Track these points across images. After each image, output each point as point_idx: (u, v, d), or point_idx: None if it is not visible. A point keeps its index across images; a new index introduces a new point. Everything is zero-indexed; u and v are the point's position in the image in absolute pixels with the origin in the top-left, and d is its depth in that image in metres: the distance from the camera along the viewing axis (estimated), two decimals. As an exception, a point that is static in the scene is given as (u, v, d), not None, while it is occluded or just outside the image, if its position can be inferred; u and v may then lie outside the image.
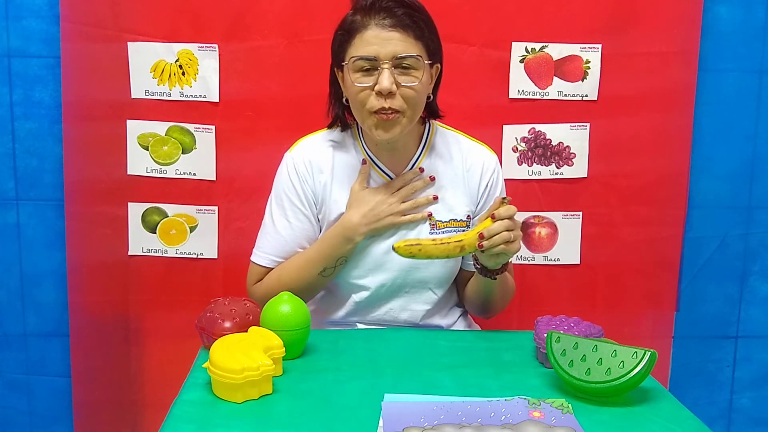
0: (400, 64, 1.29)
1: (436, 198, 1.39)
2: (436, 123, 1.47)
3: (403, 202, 1.38)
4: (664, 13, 1.73)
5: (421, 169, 1.27)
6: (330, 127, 1.46)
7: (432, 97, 1.40)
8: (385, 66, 1.28)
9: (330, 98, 1.43)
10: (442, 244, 1.26)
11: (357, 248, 1.38)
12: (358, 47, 1.30)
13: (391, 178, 1.41)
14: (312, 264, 1.38)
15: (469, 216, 1.43)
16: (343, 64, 1.33)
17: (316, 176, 1.41)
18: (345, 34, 1.33)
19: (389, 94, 1.28)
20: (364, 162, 1.39)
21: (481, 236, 1.24)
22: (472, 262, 1.36)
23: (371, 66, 1.29)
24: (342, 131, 1.45)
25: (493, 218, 1.25)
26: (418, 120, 1.41)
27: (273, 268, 1.43)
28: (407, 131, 1.35)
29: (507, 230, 1.24)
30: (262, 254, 1.43)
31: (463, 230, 1.41)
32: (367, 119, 1.33)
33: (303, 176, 1.41)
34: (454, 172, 1.43)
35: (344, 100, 1.38)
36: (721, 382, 1.94)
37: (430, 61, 1.33)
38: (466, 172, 1.44)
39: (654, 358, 1.02)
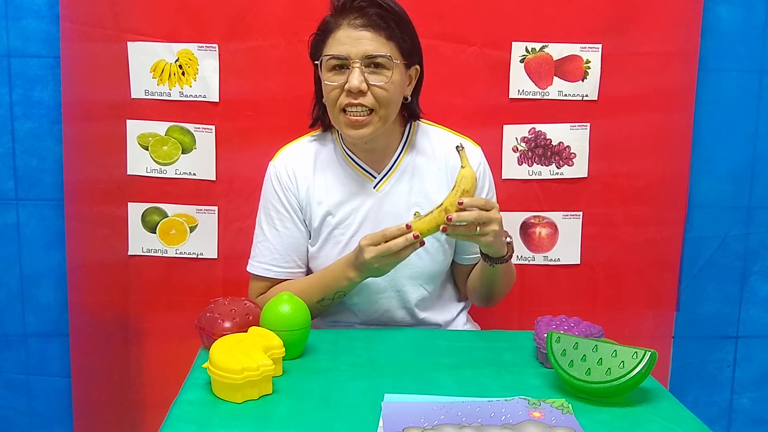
0: (371, 64, 1.31)
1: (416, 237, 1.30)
2: (419, 120, 1.48)
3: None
4: (664, 13, 1.73)
5: (408, 226, 1.26)
6: (311, 126, 1.48)
7: (410, 98, 1.41)
8: (356, 65, 1.30)
9: (315, 99, 1.45)
10: (426, 216, 1.26)
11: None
12: (330, 47, 1.33)
13: (374, 176, 1.43)
14: (312, 291, 1.38)
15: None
16: (316, 63, 1.36)
17: (299, 182, 1.43)
18: (320, 35, 1.36)
19: (359, 93, 1.30)
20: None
21: (449, 219, 1.23)
22: (478, 251, 1.36)
23: (342, 65, 1.31)
24: (324, 131, 1.47)
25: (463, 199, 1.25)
26: (398, 122, 1.43)
27: (270, 278, 1.44)
28: (381, 131, 1.36)
29: (476, 220, 1.24)
30: (257, 264, 1.46)
31: None
32: (338, 118, 1.35)
33: (286, 184, 1.43)
34: (437, 167, 1.45)
35: (324, 100, 1.40)
36: (721, 382, 1.93)
37: (405, 62, 1.35)
38: (449, 167, 1.45)
39: (654, 358, 1.02)
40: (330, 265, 1.39)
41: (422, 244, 1.28)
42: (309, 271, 1.48)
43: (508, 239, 1.35)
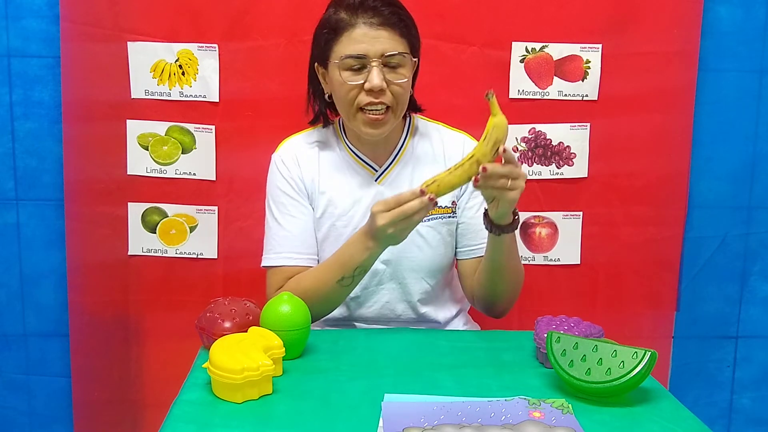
0: (388, 62, 1.31)
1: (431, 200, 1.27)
2: (417, 116, 1.49)
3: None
4: (664, 13, 1.73)
5: (422, 192, 1.22)
6: (312, 123, 1.48)
7: (411, 91, 1.41)
8: (374, 64, 1.30)
9: (309, 95, 1.45)
10: (456, 169, 1.21)
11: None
12: (346, 46, 1.32)
13: (375, 169, 1.43)
14: (331, 271, 1.34)
15: (454, 202, 1.44)
16: (330, 62, 1.35)
17: (303, 170, 1.43)
18: (331, 32, 1.34)
19: (380, 91, 1.30)
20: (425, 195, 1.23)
21: (484, 170, 1.18)
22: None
23: (360, 64, 1.31)
24: (324, 127, 1.47)
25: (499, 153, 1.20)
26: None
27: (292, 267, 1.40)
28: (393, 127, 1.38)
29: (507, 174, 1.20)
30: (275, 255, 1.42)
31: (449, 216, 1.44)
32: (356, 117, 1.35)
33: (292, 169, 1.43)
34: (435, 160, 1.45)
35: (326, 96, 1.40)
36: (721, 382, 1.93)
37: (413, 58, 1.36)
38: (447, 159, 1.45)
39: (654, 358, 1.02)
40: (346, 242, 1.35)
41: (436, 204, 1.23)
42: None
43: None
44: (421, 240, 1.41)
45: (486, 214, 1.31)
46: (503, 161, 1.21)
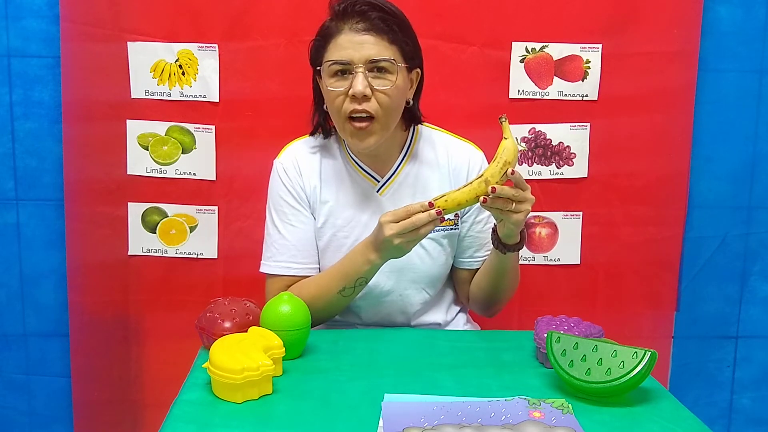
0: (374, 68, 1.29)
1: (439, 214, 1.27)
2: (421, 124, 1.47)
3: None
4: (664, 13, 1.73)
5: (431, 204, 1.23)
6: (312, 134, 1.47)
7: (412, 102, 1.40)
8: (359, 70, 1.28)
9: (314, 106, 1.44)
10: (465, 186, 1.23)
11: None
12: (332, 52, 1.31)
13: (377, 180, 1.42)
14: (332, 281, 1.35)
15: (457, 215, 1.43)
16: (319, 68, 1.34)
17: (305, 178, 1.42)
18: (321, 40, 1.34)
19: (363, 98, 1.29)
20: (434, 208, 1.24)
21: (493, 189, 1.19)
22: (491, 238, 1.34)
23: (346, 70, 1.30)
24: (325, 138, 1.45)
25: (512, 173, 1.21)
26: (400, 126, 1.41)
27: (290, 276, 1.41)
28: (385, 139, 1.35)
29: (513, 197, 1.21)
30: (274, 263, 1.42)
31: (452, 228, 1.43)
32: (344, 126, 1.33)
33: (294, 178, 1.42)
34: (440, 173, 1.44)
35: (324, 107, 1.39)
36: (721, 382, 1.94)
37: (406, 65, 1.34)
38: (452, 171, 1.44)
39: (654, 358, 1.02)
40: (348, 253, 1.35)
41: (442, 220, 1.24)
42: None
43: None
44: (423, 252, 1.41)
45: (495, 230, 1.33)
46: (513, 184, 1.22)
